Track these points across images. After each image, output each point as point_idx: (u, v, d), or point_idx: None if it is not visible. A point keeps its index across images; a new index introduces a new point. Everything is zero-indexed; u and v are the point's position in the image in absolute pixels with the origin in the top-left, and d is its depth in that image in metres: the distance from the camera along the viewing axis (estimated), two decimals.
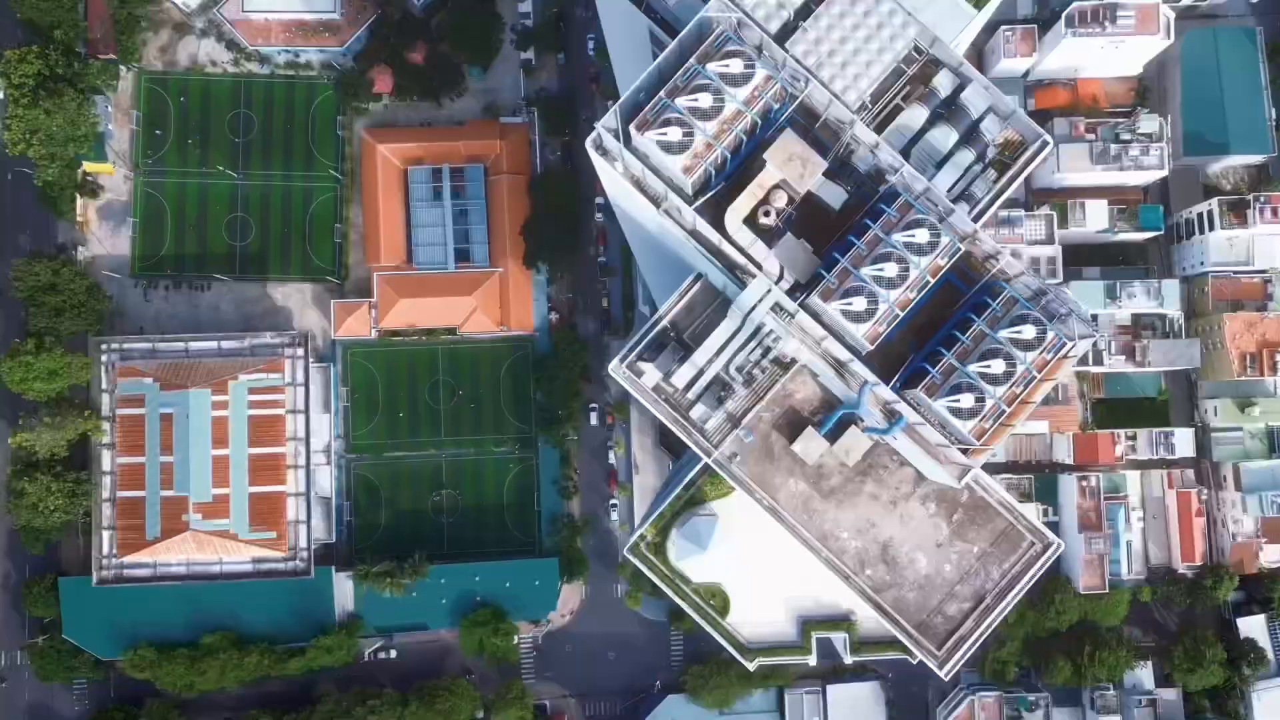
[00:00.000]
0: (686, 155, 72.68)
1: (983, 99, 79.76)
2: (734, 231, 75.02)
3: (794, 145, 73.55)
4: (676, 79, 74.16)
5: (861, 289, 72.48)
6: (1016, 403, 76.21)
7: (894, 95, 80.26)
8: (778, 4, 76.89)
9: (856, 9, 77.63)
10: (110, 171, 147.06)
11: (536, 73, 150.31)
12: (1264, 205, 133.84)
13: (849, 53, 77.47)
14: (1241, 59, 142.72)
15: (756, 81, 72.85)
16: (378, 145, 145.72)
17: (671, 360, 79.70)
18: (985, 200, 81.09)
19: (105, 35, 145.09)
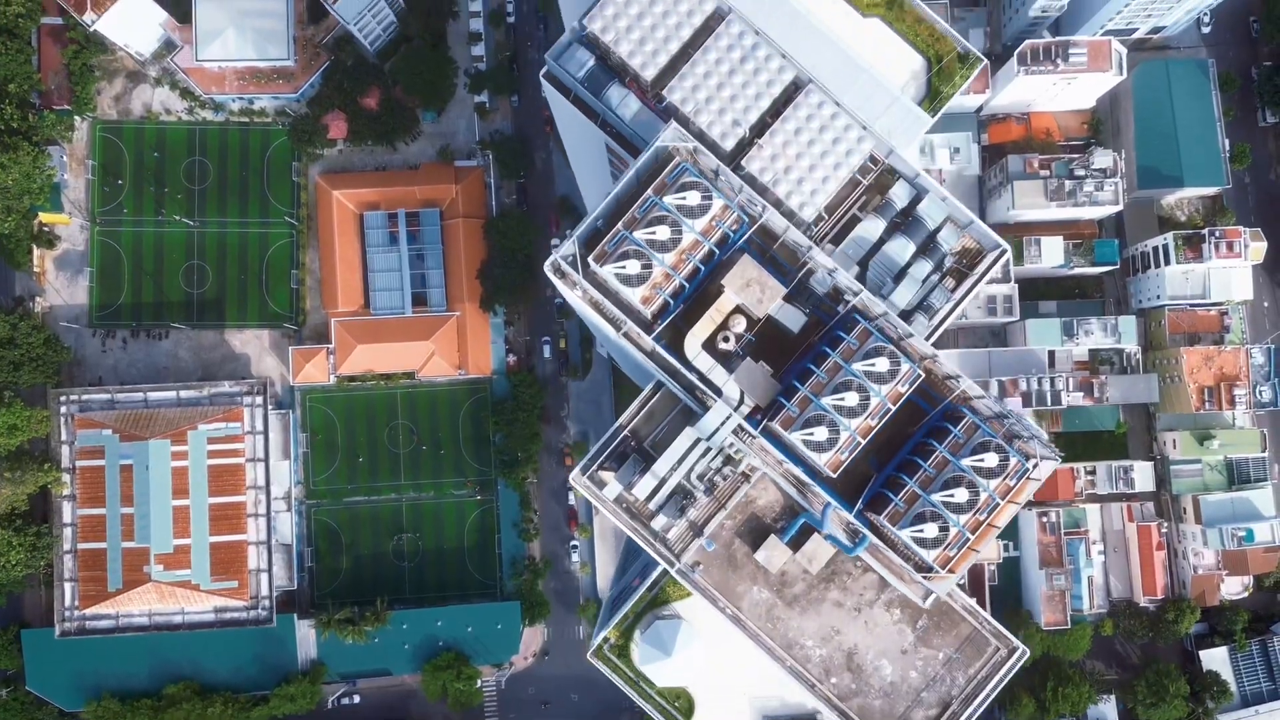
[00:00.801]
0: (645, 287, 71.92)
1: (939, 210, 78.59)
2: (693, 356, 73.59)
3: (752, 270, 72.37)
4: (634, 210, 72.82)
5: (823, 418, 71.05)
6: (981, 528, 74.85)
7: (851, 205, 79.01)
8: (733, 121, 75.02)
9: (811, 125, 75.93)
10: (66, 222, 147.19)
11: (490, 115, 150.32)
12: (1219, 240, 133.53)
13: (804, 169, 75.99)
14: (1194, 91, 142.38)
15: (714, 211, 71.84)
16: (333, 191, 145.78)
17: (633, 472, 76.58)
18: (944, 311, 79.52)
19: (59, 86, 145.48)
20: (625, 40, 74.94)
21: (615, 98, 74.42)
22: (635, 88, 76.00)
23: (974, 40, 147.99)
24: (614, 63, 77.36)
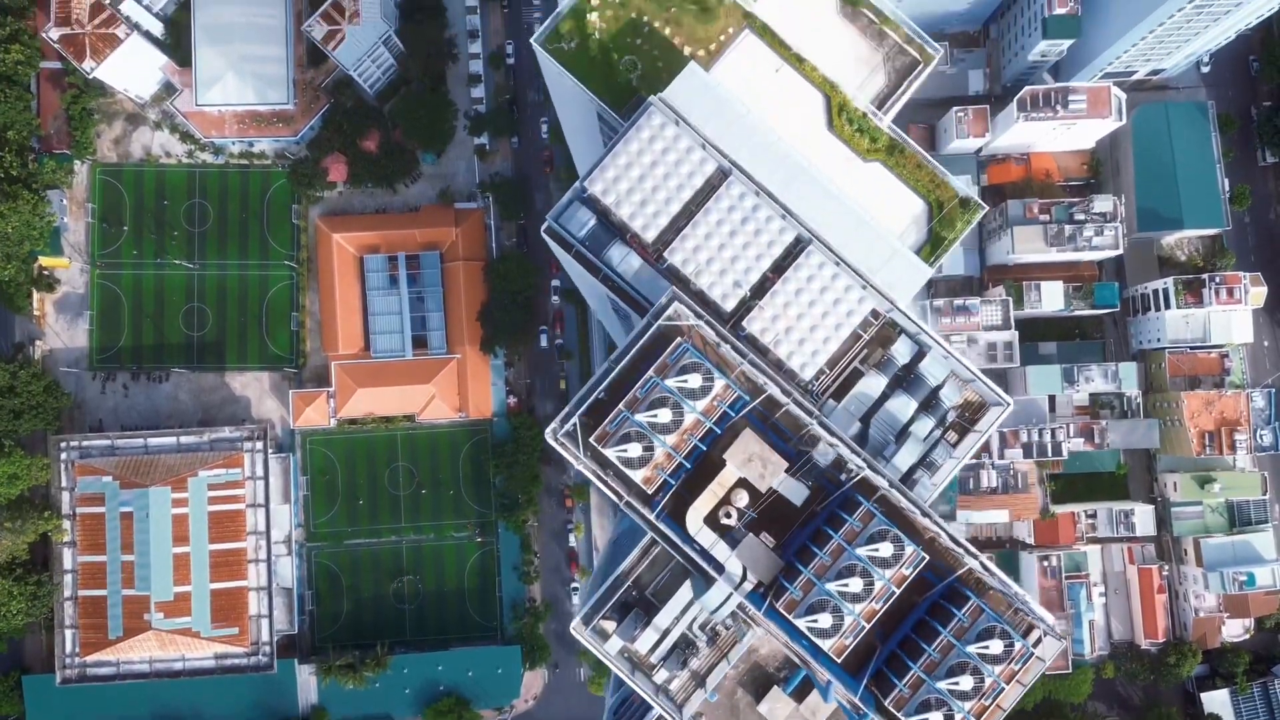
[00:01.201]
0: (647, 468, 71.14)
1: (941, 368, 77.76)
2: (695, 531, 72.32)
3: (754, 445, 71.09)
4: (635, 390, 71.84)
5: (826, 603, 69.64)
6: (986, 713, 72.70)
7: (852, 359, 78.13)
8: (734, 282, 74.15)
9: (812, 285, 74.98)
10: (66, 265, 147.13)
11: (490, 157, 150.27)
12: (1219, 286, 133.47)
13: (806, 329, 75.12)
14: (1194, 134, 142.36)
15: (716, 391, 70.93)
16: (333, 234, 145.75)
17: (635, 626, 75.60)
18: (947, 470, 78.22)
19: (59, 130, 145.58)
20: (626, 203, 74.09)
21: (616, 257, 73.50)
22: (637, 244, 75.46)
23: (973, 82, 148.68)
24: (615, 222, 76.35)
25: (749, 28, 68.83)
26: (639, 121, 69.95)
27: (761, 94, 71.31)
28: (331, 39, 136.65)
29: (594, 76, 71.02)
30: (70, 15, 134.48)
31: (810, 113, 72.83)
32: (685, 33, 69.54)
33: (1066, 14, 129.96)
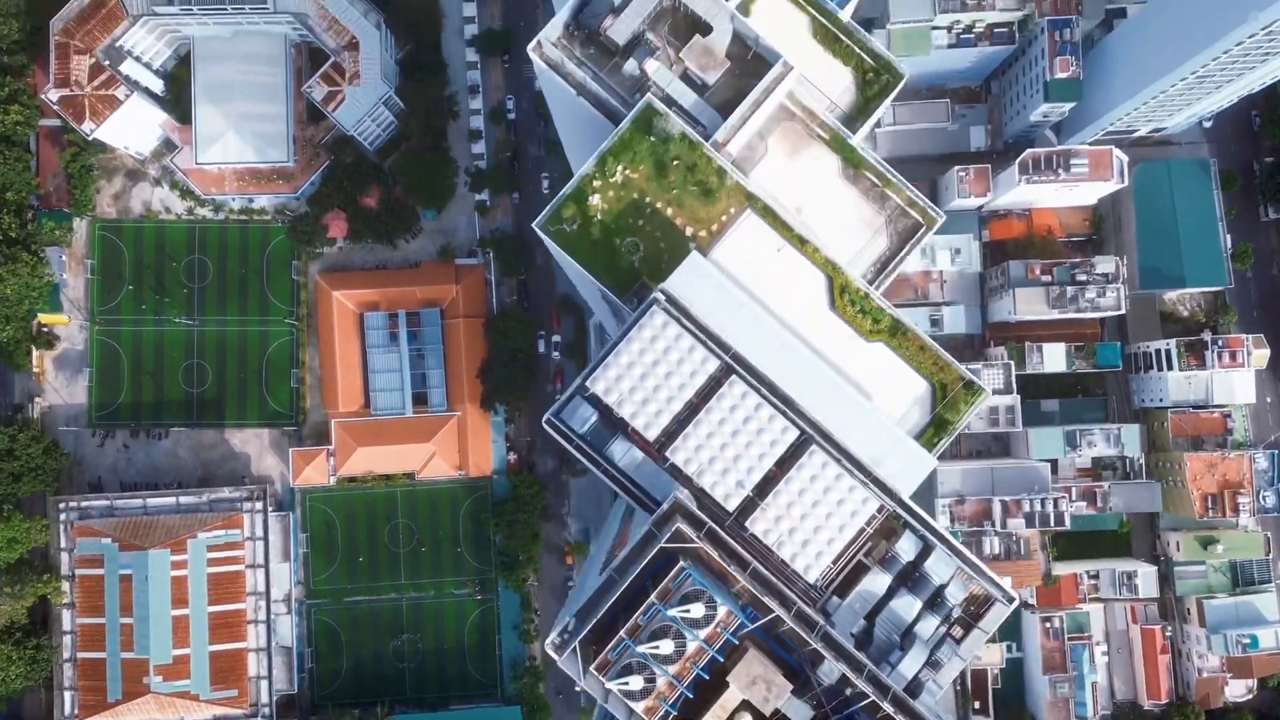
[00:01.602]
0: (649, 699, 70.04)
1: (947, 566, 76.68)
2: None
3: (758, 667, 69.81)
4: (637, 617, 70.57)
5: None
6: None
7: (857, 551, 77.00)
8: (736, 482, 73.22)
9: (816, 485, 73.60)
10: (65, 322, 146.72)
11: (491, 212, 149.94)
12: (1221, 349, 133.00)
13: (809, 530, 73.91)
14: (1196, 192, 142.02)
15: (719, 618, 69.59)
16: (333, 291, 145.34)
17: None
18: (951, 670, 76.93)
19: (58, 188, 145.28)
20: (628, 402, 73.40)
21: (619, 452, 72.88)
22: (639, 439, 74.77)
23: (974, 138, 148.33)
24: (616, 419, 75.43)
25: (750, 208, 68.26)
26: (641, 320, 69.40)
27: (763, 274, 70.78)
28: (331, 100, 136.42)
29: (596, 259, 70.42)
30: (69, 77, 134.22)
31: (812, 293, 72.09)
32: (687, 213, 69.00)
33: (1068, 78, 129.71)
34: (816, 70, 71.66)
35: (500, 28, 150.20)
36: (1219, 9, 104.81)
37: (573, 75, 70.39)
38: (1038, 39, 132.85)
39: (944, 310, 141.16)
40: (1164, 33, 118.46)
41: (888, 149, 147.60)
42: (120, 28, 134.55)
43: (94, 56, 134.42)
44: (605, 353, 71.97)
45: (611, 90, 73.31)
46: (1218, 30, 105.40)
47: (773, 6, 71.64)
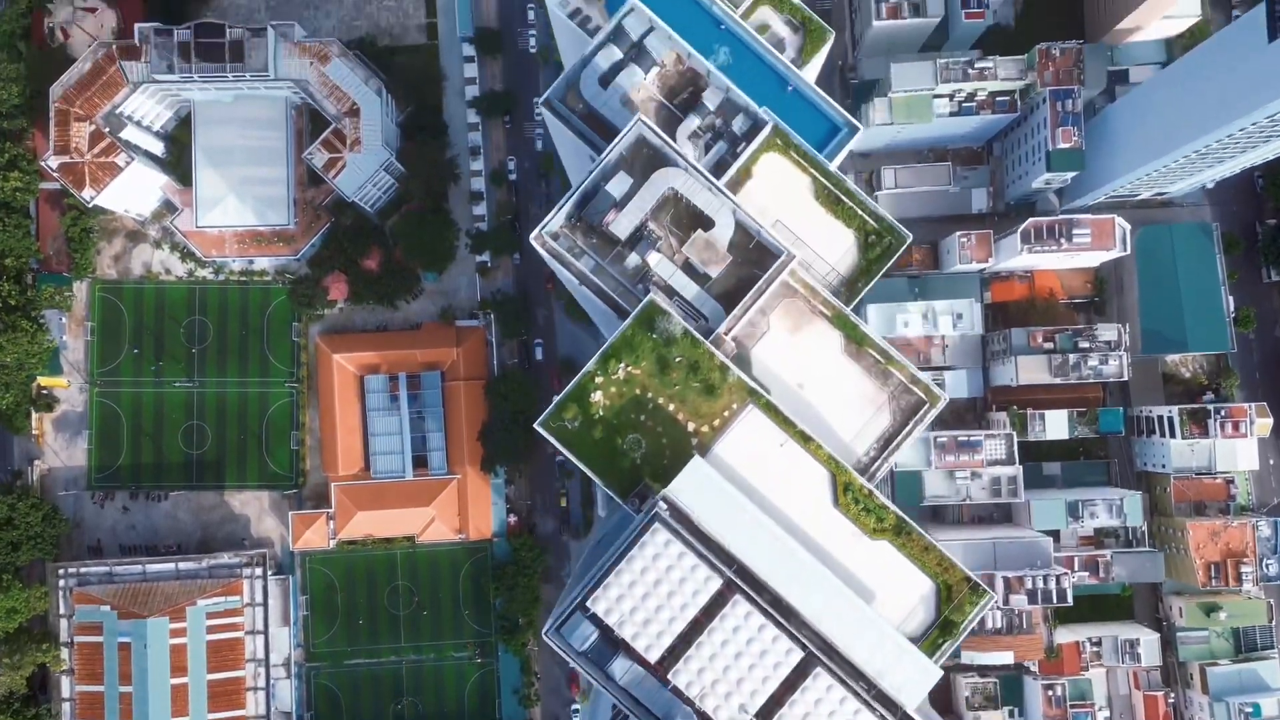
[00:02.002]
0: None
1: None
2: None
3: None
4: None
5: None
6: None
7: None
8: (740, 706, 71.51)
9: (820, 709, 71.95)
10: (65, 385, 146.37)
11: (492, 273, 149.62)
12: (1224, 420, 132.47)
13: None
14: (1198, 256, 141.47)
15: None
16: (333, 354, 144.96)
17: None
18: None
19: (58, 251, 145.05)
20: (629, 623, 72.58)
21: (620, 670, 72.14)
22: (640, 657, 73.60)
23: (976, 200, 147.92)
24: (617, 637, 74.51)
25: (753, 404, 67.90)
26: (644, 538, 68.78)
27: (766, 469, 70.23)
28: (333, 166, 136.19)
29: (597, 459, 69.95)
30: (69, 144, 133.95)
31: (815, 489, 71.20)
32: (689, 409, 68.61)
33: (1071, 149, 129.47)
34: (818, 231, 71.52)
35: (502, 89, 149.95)
36: (1226, 97, 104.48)
37: (575, 265, 70.18)
38: (1040, 108, 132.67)
39: (946, 375, 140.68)
40: (1167, 112, 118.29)
41: (889, 211, 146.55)
42: (120, 94, 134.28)
43: (94, 123, 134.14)
44: (607, 568, 70.84)
45: (614, 280, 73.46)
46: (1223, 117, 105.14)
47: (775, 167, 71.31)
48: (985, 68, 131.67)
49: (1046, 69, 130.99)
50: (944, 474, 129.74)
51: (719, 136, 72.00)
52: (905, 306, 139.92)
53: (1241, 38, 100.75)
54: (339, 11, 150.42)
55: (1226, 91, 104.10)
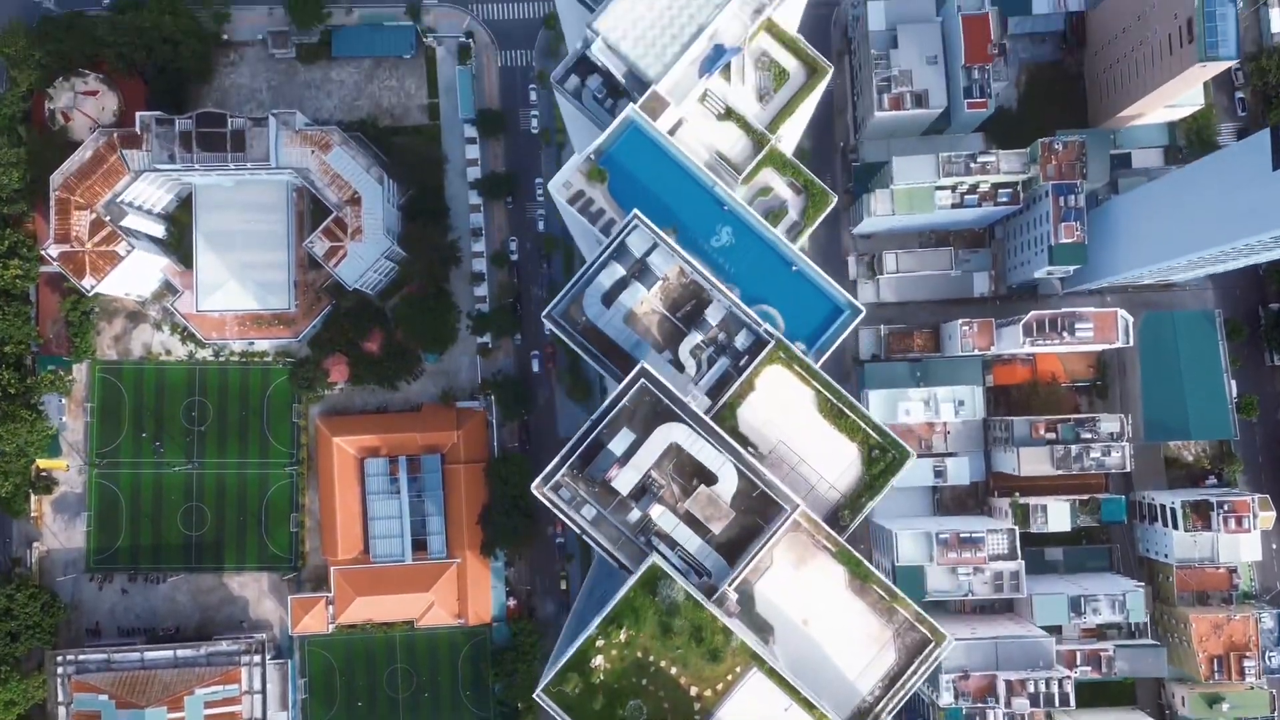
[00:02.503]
0: None
1: None
2: None
3: None
4: None
5: None
6: None
7: None
8: None
9: None
10: (64, 467, 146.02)
11: (493, 353, 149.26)
12: (1227, 514, 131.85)
13: None
14: (1201, 343, 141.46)
15: None
16: (334, 437, 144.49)
17: None
18: None
19: (57, 334, 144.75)
20: None
21: None
22: None
23: (978, 284, 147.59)
24: None
25: (757, 668, 67.43)
26: None
27: None
28: (334, 255, 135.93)
29: None
30: (70, 232, 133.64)
31: None
32: (692, 673, 68.07)
33: (1073, 243, 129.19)
34: (821, 445, 71.11)
35: (504, 170, 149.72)
36: (1226, 216, 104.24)
37: (576, 518, 69.80)
38: (1042, 200, 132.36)
39: (947, 462, 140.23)
40: (1168, 219, 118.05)
41: (891, 295, 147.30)
42: (121, 183, 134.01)
43: (94, 212, 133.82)
44: None
45: (616, 531, 72.86)
46: (1222, 236, 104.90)
47: (778, 379, 70.92)
48: (988, 161, 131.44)
49: (1049, 162, 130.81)
50: (946, 569, 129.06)
51: (721, 351, 71.69)
52: (907, 393, 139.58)
53: (1244, 161, 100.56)
54: (340, 92, 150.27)
55: (1227, 211, 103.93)
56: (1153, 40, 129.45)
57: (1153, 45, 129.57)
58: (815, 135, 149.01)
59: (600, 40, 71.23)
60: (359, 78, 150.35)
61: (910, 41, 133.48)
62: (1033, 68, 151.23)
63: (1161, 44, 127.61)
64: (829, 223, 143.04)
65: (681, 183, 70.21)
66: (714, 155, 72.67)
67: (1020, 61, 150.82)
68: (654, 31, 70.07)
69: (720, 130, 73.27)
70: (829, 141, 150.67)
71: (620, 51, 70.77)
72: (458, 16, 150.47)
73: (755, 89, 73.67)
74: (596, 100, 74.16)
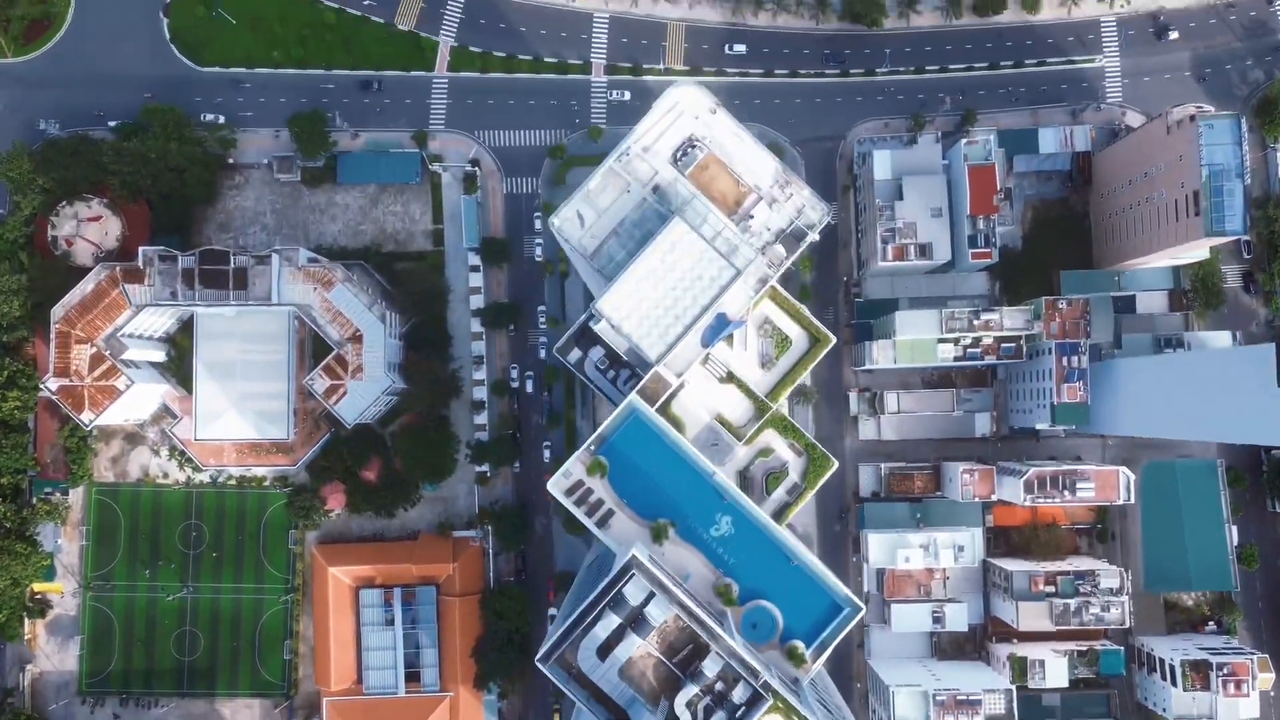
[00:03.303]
0: None
1: None
2: None
3: None
4: None
5: None
6: None
7: None
8: None
9: None
10: (59, 590, 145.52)
11: (491, 482, 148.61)
12: (1227, 677, 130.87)
13: None
14: (1203, 494, 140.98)
15: None
16: (329, 566, 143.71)
17: None
18: None
19: (55, 459, 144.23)
20: None
21: None
22: None
23: (979, 425, 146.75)
24: None
25: None
26: None
27: None
28: (333, 393, 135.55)
29: None
30: (69, 366, 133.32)
31: None
32: None
33: (1076, 404, 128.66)
34: None
35: (506, 299, 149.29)
36: (1228, 417, 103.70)
37: None
38: (1045, 355, 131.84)
39: (946, 608, 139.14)
40: (1170, 399, 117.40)
41: (892, 434, 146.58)
42: (123, 317, 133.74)
43: (95, 346, 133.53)
44: None
45: None
46: (1222, 433, 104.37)
47: None
48: (991, 319, 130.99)
49: (1053, 319, 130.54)
50: None
51: (719, 703, 71.08)
52: (906, 538, 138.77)
53: (1248, 368, 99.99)
54: (345, 216, 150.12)
55: (1232, 411, 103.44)
56: (1159, 201, 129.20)
57: (1158, 206, 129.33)
58: (819, 267, 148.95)
59: (605, 321, 70.89)
60: (364, 202, 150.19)
61: (915, 194, 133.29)
62: (1038, 204, 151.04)
63: (1167, 207, 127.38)
64: (831, 357, 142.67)
65: (681, 471, 69.81)
66: (715, 418, 72.43)
67: (1026, 198, 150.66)
68: (657, 312, 69.98)
69: (721, 393, 73.10)
70: (832, 274, 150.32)
71: (623, 331, 70.49)
72: (464, 143, 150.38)
73: (758, 354, 73.53)
74: (599, 370, 73.98)
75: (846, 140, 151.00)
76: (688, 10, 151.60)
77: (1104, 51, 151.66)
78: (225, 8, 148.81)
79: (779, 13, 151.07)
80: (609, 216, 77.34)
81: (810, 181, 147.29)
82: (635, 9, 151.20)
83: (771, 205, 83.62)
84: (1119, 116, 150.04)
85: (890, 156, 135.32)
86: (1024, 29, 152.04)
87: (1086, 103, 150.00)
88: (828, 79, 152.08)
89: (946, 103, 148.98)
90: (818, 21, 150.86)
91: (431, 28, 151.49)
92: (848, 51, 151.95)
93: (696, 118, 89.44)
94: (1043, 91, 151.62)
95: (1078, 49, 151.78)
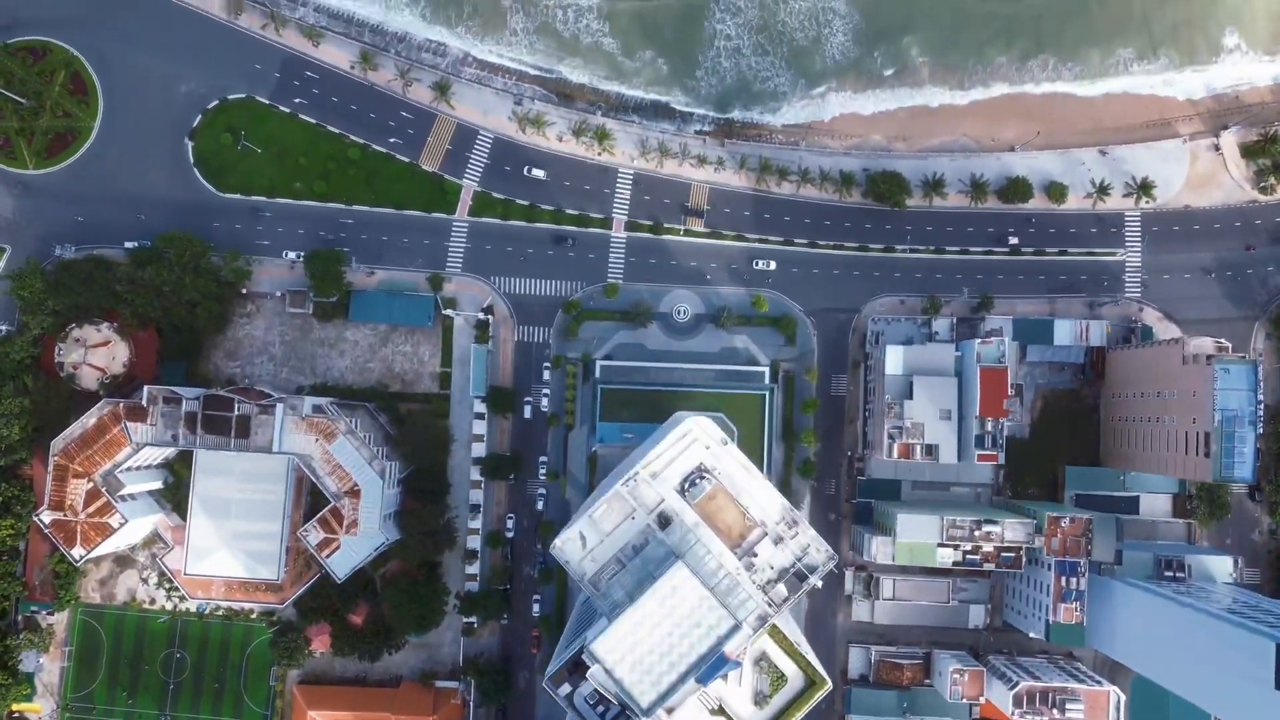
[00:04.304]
0: None
1: None
2: None
3: None
4: None
5: None
6: None
7: None
8: None
9: None
10: (37, 711, 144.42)
11: (477, 632, 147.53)
12: None
13: None
14: (1194, 711, 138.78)
15: None
16: (309, 710, 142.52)
17: None
18: None
19: (44, 582, 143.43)
20: None
21: None
22: None
23: (973, 616, 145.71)
24: None
25: None
26: None
27: None
28: (327, 546, 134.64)
29: None
30: (65, 500, 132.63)
31: None
32: None
33: (1073, 625, 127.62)
34: None
35: (509, 449, 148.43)
36: (1222, 693, 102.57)
37: None
38: (1043, 569, 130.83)
39: None
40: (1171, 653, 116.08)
41: (886, 619, 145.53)
42: (122, 454, 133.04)
43: (91, 481, 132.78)
44: None
45: None
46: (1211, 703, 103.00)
47: None
48: (992, 530, 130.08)
49: (1055, 535, 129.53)
50: None
51: None
52: None
53: (1246, 656, 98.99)
54: (354, 353, 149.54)
55: (1224, 690, 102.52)
56: (1169, 426, 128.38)
57: (1169, 431, 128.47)
58: (824, 439, 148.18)
59: (598, 665, 70.14)
60: (374, 340, 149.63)
61: (925, 395, 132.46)
62: (1049, 394, 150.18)
63: (1177, 436, 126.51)
64: (831, 537, 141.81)
65: None
66: None
67: (1037, 386, 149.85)
68: (652, 658, 69.32)
69: None
70: (837, 448, 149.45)
71: (616, 676, 69.77)
72: (479, 289, 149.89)
73: (752, 691, 72.81)
74: (589, 704, 73.25)
75: (861, 314, 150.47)
76: (712, 174, 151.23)
77: (1126, 246, 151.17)
78: (251, 138, 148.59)
79: (802, 184, 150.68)
80: (611, 541, 77.22)
81: (822, 353, 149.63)
82: (661, 169, 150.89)
83: (776, 543, 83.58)
84: (1136, 312, 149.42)
85: (902, 353, 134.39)
86: (1048, 217, 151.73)
87: (1106, 298, 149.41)
88: (846, 251, 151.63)
89: (964, 292, 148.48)
90: (840, 197, 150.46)
91: (456, 170, 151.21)
92: (868, 226, 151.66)
93: (708, 448, 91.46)
94: (1061, 280, 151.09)
95: (1100, 241, 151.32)
